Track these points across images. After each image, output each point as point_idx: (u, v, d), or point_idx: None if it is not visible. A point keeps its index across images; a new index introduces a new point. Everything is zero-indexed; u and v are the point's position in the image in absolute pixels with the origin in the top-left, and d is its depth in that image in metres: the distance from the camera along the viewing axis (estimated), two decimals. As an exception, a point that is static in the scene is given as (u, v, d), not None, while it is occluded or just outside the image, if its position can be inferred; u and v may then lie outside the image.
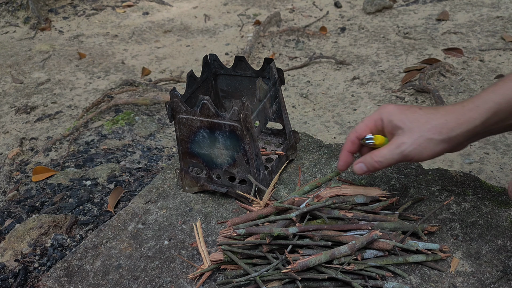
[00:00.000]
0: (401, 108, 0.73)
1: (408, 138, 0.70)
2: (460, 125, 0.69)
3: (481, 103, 0.68)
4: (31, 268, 1.02)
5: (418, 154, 0.70)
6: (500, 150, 1.39)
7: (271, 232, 0.71)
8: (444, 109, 0.71)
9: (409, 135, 0.70)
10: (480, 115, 0.68)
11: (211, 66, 0.98)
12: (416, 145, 0.70)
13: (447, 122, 0.69)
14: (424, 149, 0.70)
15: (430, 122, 0.70)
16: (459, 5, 2.51)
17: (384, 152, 0.72)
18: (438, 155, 0.71)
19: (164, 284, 0.75)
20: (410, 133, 0.70)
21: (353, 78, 1.91)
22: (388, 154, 0.71)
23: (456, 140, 0.70)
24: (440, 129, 0.69)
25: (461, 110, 0.69)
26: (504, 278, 0.70)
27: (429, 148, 0.70)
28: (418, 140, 0.70)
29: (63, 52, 2.41)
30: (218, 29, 2.58)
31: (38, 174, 1.38)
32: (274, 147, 0.99)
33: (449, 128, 0.69)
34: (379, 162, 0.72)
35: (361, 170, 0.75)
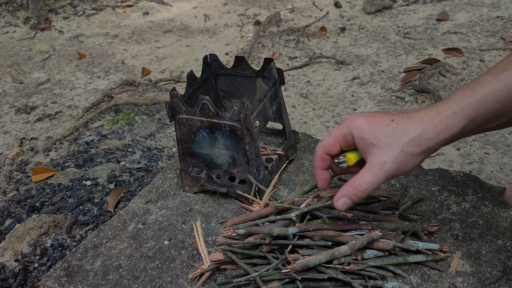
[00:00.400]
0: (371, 121, 0.68)
1: (388, 156, 0.66)
2: (438, 134, 0.66)
3: (459, 110, 0.65)
4: (31, 268, 1.02)
5: (400, 170, 0.67)
6: (500, 150, 1.39)
7: (271, 232, 0.71)
8: (418, 118, 0.67)
9: (389, 153, 0.66)
10: (458, 123, 0.65)
11: (211, 66, 0.98)
12: (398, 163, 0.66)
13: (425, 133, 0.66)
14: (406, 164, 0.66)
15: (407, 135, 0.66)
16: (459, 5, 2.52)
17: (368, 178, 0.67)
18: (417, 166, 0.69)
19: (164, 284, 0.75)
20: (388, 150, 0.66)
21: (353, 78, 1.91)
22: (373, 179, 0.67)
23: (434, 149, 0.67)
24: (418, 141, 0.66)
25: (438, 117, 0.66)
26: (504, 278, 0.70)
27: (411, 162, 0.66)
28: (399, 156, 0.66)
29: (63, 52, 2.41)
30: (218, 29, 2.58)
31: (38, 174, 1.38)
32: (274, 147, 0.99)
33: (427, 139, 0.66)
34: (365, 190, 0.67)
35: (346, 204, 0.69)
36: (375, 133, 0.67)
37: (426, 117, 0.66)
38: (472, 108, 0.64)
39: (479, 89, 0.64)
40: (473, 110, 0.64)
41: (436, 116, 0.66)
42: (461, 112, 0.65)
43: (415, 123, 0.66)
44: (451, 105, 0.65)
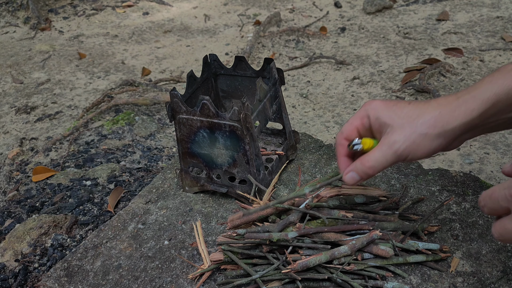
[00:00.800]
0: (388, 103, 0.67)
1: (399, 136, 0.64)
2: (456, 117, 0.63)
3: (478, 94, 0.62)
4: (31, 268, 1.02)
5: (412, 152, 0.64)
6: (500, 150, 1.39)
7: (271, 238, 0.71)
8: (436, 102, 0.65)
9: (400, 132, 0.64)
10: (478, 106, 0.62)
11: (211, 66, 0.98)
12: (409, 142, 0.64)
13: (441, 115, 0.63)
14: (419, 146, 0.64)
15: (422, 116, 0.64)
16: (459, 5, 2.52)
17: (376, 155, 0.65)
18: (434, 152, 0.65)
19: (164, 284, 0.75)
20: (401, 130, 0.64)
21: (353, 78, 1.91)
22: (380, 156, 0.65)
23: (452, 134, 0.64)
24: (434, 122, 0.63)
25: (456, 102, 0.64)
26: (504, 278, 0.70)
27: (424, 144, 0.64)
28: (411, 136, 0.63)
29: (63, 52, 2.41)
30: (218, 29, 2.58)
31: (38, 174, 1.38)
32: (274, 147, 0.99)
33: (444, 122, 0.63)
34: (372, 167, 0.66)
35: (353, 179, 0.68)
36: (390, 113, 0.66)
37: (444, 102, 0.64)
38: (492, 92, 0.61)
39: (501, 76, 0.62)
40: (494, 94, 0.61)
41: (454, 101, 0.64)
42: (481, 96, 0.62)
43: (431, 106, 0.64)
44: (470, 90, 0.63)
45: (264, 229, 0.74)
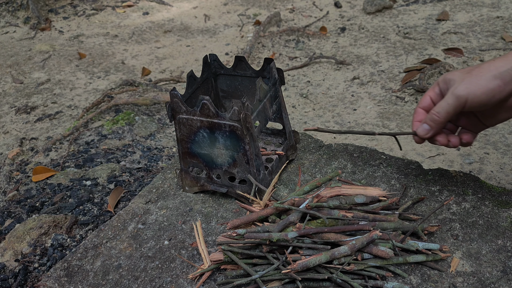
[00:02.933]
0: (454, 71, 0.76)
1: (459, 83, 0.71)
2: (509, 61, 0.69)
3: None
4: (31, 268, 1.02)
5: (470, 92, 0.70)
6: (500, 150, 1.39)
7: (271, 238, 0.71)
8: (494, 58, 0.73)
9: (460, 81, 0.72)
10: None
11: (211, 66, 0.98)
12: (467, 84, 0.70)
13: (495, 62, 0.70)
14: (476, 85, 0.70)
15: (479, 66, 0.71)
16: (459, 5, 2.52)
17: (441, 103, 0.74)
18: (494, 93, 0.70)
19: (164, 284, 0.75)
20: (461, 79, 0.72)
21: (353, 78, 1.91)
22: (443, 102, 0.73)
23: (508, 76, 0.69)
24: (488, 66, 0.70)
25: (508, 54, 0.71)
26: (504, 278, 0.70)
27: (481, 84, 0.70)
28: (469, 80, 0.71)
29: (63, 52, 2.41)
30: (218, 29, 2.58)
31: (38, 174, 1.38)
32: (274, 147, 0.99)
33: (498, 65, 0.70)
34: (438, 113, 0.74)
35: (425, 130, 0.77)
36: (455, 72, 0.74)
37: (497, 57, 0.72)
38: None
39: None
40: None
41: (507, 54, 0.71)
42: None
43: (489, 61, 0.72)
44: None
45: (264, 229, 0.74)
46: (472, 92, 0.70)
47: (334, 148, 1.02)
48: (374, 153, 0.99)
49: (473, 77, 0.71)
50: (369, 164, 0.96)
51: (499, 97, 0.71)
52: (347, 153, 0.99)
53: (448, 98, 0.73)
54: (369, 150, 0.99)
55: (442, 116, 0.74)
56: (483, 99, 0.71)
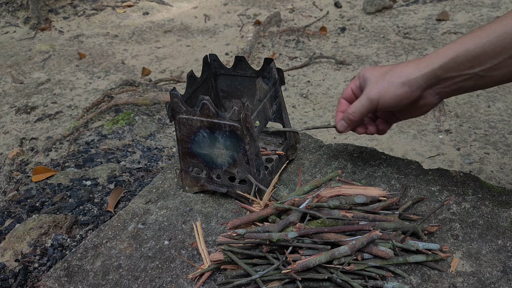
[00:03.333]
0: (375, 67, 0.81)
1: (373, 86, 0.79)
2: (419, 69, 0.75)
3: (441, 51, 0.74)
4: (31, 268, 1.02)
5: (381, 96, 0.77)
6: (500, 150, 1.39)
7: (271, 238, 0.71)
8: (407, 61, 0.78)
9: (374, 83, 0.79)
10: (438, 59, 0.74)
11: (211, 66, 0.98)
12: (379, 89, 0.77)
13: (407, 67, 0.76)
14: (386, 91, 0.77)
15: (392, 70, 0.77)
16: (459, 5, 2.52)
17: (355, 103, 0.81)
18: (402, 99, 0.77)
19: (164, 284, 0.75)
20: (375, 81, 0.79)
21: (353, 78, 1.91)
22: (358, 103, 0.81)
23: (415, 84, 0.75)
24: (400, 73, 0.76)
25: (422, 58, 0.76)
26: (504, 278, 0.70)
27: (391, 90, 0.76)
28: (381, 84, 0.77)
29: (63, 52, 2.41)
30: (218, 29, 2.58)
31: (38, 174, 1.38)
32: (274, 147, 0.99)
33: (408, 72, 0.76)
34: (352, 113, 0.82)
35: (343, 126, 0.85)
36: (371, 71, 0.80)
37: (413, 60, 0.78)
38: (452, 49, 0.73)
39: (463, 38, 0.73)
40: (452, 51, 0.73)
41: (421, 58, 0.77)
42: (442, 52, 0.74)
43: (402, 64, 0.78)
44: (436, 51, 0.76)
45: (264, 229, 0.74)
46: (383, 97, 0.77)
47: (334, 148, 1.02)
48: (374, 153, 0.99)
49: (385, 82, 0.77)
50: (369, 164, 0.96)
51: (407, 101, 0.78)
52: (347, 153, 0.99)
53: (362, 100, 0.80)
54: (369, 150, 0.99)
55: (357, 116, 0.82)
56: (392, 103, 0.78)
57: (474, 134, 1.49)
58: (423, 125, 1.58)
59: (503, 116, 1.57)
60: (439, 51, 0.75)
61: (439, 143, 1.46)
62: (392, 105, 0.78)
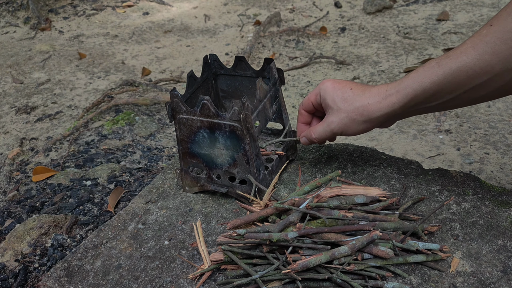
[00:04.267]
0: (335, 86, 0.82)
1: (335, 118, 0.81)
2: (380, 109, 0.77)
3: (401, 89, 0.76)
4: (31, 268, 1.02)
5: (343, 131, 0.82)
6: (500, 150, 1.39)
7: (271, 238, 0.71)
8: (370, 92, 0.79)
9: (337, 115, 0.81)
10: (399, 100, 0.76)
11: (211, 66, 0.98)
12: (341, 124, 0.81)
13: (369, 105, 0.78)
14: (348, 127, 0.81)
15: (354, 104, 0.79)
16: (459, 5, 2.52)
17: (319, 129, 0.85)
18: (362, 132, 0.82)
19: (164, 284, 0.75)
20: (338, 112, 0.81)
21: (353, 78, 1.91)
22: (321, 131, 0.84)
23: (376, 121, 0.79)
24: (362, 111, 0.79)
25: (384, 94, 0.77)
26: (504, 278, 0.70)
27: (353, 127, 0.81)
28: (343, 120, 0.81)
29: (63, 52, 2.41)
30: (218, 29, 2.58)
31: (38, 174, 1.38)
32: (274, 147, 0.99)
33: (370, 111, 0.78)
34: (316, 138, 0.86)
35: (306, 142, 0.89)
36: (333, 96, 0.82)
37: (375, 93, 0.79)
38: (412, 88, 0.75)
39: (421, 72, 0.74)
40: (412, 90, 0.75)
41: (383, 93, 0.78)
42: (403, 91, 0.76)
43: (365, 96, 0.79)
44: (396, 84, 0.77)
45: (264, 229, 0.74)
46: (345, 132, 0.82)
47: (334, 148, 1.02)
48: (374, 153, 0.99)
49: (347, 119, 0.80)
50: (369, 164, 0.96)
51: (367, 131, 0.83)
52: (347, 153, 0.99)
53: (326, 130, 0.84)
54: (369, 150, 1.00)
55: (318, 139, 0.86)
56: (353, 135, 0.83)
57: (474, 134, 1.49)
58: (423, 125, 1.58)
59: (503, 116, 1.57)
60: (400, 89, 0.76)
61: (439, 143, 1.46)
62: (353, 135, 0.84)
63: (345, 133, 0.83)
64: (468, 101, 0.76)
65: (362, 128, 0.81)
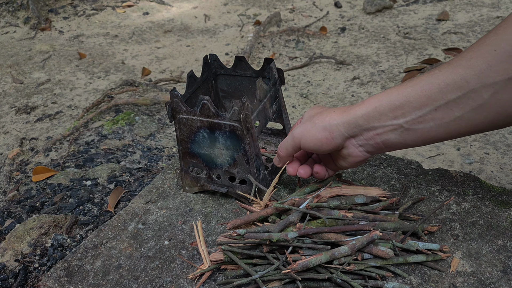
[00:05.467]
0: (317, 107, 0.80)
1: (301, 124, 0.78)
2: (342, 116, 0.73)
3: (366, 101, 0.73)
4: (31, 268, 1.02)
5: (302, 136, 0.76)
6: (500, 150, 1.39)
7: (271, 238, 0.71)
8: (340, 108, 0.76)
9: (303, 122, 0.78)
10: (361, 109, 0.72)
11: (211, 66, 0.98)
12: (302, 129, 0.77)
13: (333, 113, 0.75)
14: (308, 132, 0.76)
15: (321, 113, 0.76)
16: (459, 5, 2.52)
17: (284, 140, 0.81)
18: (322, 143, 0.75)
19: (164, 284, 0.75)
20: (304, 121, 0.78)
21: (353, 78, 1.91)
22: (285, 139, 0.81)
23: (336, 130, 0.73)
24: (324, 117, 0.75)
25: (350, 107, 0.75)
26: (504, 278, 0.70)
27: (312, 132, 0.75)
28: (305, 124, 0.77)
29: (63, 52, 2.41)
30: (218, 29, 2.58)
31: (38, 174, 1.38)
32: (274, 147, 0.99)
33: (332, 118, 0.74)
34: (279, 148, 0.82)
35: (276, 160, 0.85)
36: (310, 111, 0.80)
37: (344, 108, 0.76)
38: (376, 98, 0.72)
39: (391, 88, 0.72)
40: (376, 99, 0.71)
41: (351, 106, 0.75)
42: (367, 102, 0.72)
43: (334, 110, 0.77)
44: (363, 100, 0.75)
45: (264, 229, 0.74)
46: (304, 137, 0.76)
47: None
48: (374, 153, 0.99)
49: (310, 123, 0.76)
50: (369, 164, 0.96)
51: (328, 147, 0.75)
52: (347, 153, 0.99)
53: (288, 136, 0.80)
54: (369, 150, 0.99)
55: (282, 151, 0.81)
56: (312, 145, 0.76)
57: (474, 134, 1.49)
58: (423, 125, 1.57)
59: (503, 116, 1.56)
60: (365, 101, 0.73)
61: (439, 143, 1.46)
62: (312, 147, 0.76)
63: (304, 139, 0.76)
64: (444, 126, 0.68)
65: (321, 136, 0.74)
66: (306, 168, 0.83)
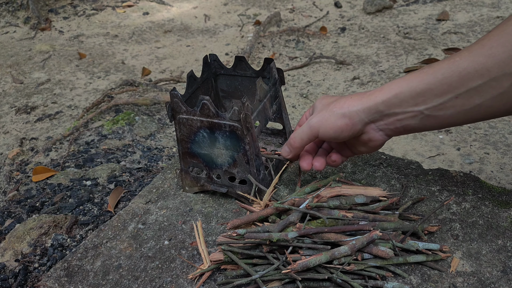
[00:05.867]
0: (328, 97, 0.80)
1: (316, 114, 0.77)
2: (362, 102, 0.72)
3: (386, 86, 0.72)
4: (31, 268, 1.02)
5: (321, 125, 0.75)
6: (500, 150, 1.39)
7: (271, 238, 0.71)
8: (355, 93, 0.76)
9: (318, 111, 0.77)
10: (382, 95, 0.71)
11: (211, 66, 0.98)
12: (320, 117, 0.75)
13: (351, 99, 0.74)
14: (326, 121, 0.74)
15: (337, 101, 0.75)
16: (459, 5, 2.52)
17: (298, 129, 0.79)
18: (342, 130, 0.74)
19: (164, 284, 0.75)
20: (320, 110, 0.77)
21: (353, 78, 1.91)
22: (300, 129, 0.79)
23: (356, 116, 0.73)
24: (343, 105, 0.74)
25: (368, 92, 0.74)
26: (504, 278, 0.70)
27: (330, 120, 0.74)
28: (322, 113, 0.75)
29: (63, 52, 2.41)
30: (218, 29, 2.58)
31: (38, 174, 1.38)
32: (274, 147, 0.99)
33: (350, 104, 0.73)
34: (293, 138, 0.80)
35: (286, 152, 0.83)
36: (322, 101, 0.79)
37: (360, 93, 0.75)
38: (397, 84, 0.71)
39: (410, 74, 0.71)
40: (397, 86, 0.71)
41: (368, 92, 0.74)
42: (387, 87, 0.72)
43: (349, 96, 0.75)
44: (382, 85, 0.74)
45: (264, 229, 0.74)
46: (323, 126, 0.75)
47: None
48: (374, 153, 0.99)
49: (327, 112, 0.75)
50: (369, 164, 0.96)
51: (348, 134, 0.75)
52: (347, 153, 0.99)
53: (304, 126, 0.78)
54: (369, 150, 0.99)
55: (297, 142, 0.79)
56: (332, 134, 0.75)
57: (474, 134, 1.49)
58: (423, 125, 1.57)
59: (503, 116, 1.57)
60: (384, 86, 0.72)
61: (439, 143, 1.46)
62: (332, 135, 0.75)
63: (323, 128, 0.75)
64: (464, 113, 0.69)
65: (341, 123, 0.73)
66: (321, 160, 0.82)
